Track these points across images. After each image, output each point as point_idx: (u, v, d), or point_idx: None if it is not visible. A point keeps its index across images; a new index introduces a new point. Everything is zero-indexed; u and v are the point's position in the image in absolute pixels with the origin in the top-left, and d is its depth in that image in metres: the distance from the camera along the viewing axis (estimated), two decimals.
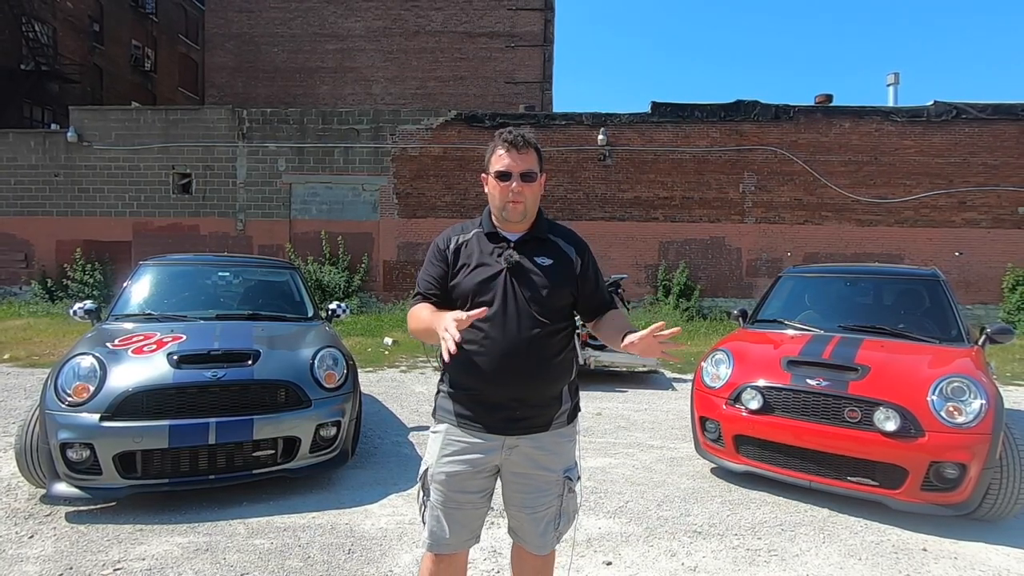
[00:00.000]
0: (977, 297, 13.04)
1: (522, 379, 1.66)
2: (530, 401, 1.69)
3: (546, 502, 1.74)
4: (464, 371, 1.69)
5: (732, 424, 3.59)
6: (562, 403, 1.76)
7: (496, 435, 1.68)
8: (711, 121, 13.45)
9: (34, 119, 20.32)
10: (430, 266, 1.78)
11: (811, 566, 2.71)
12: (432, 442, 1.76)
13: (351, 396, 3.65)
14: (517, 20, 20.00)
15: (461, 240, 1.77)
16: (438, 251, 1.78)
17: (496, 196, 1.72)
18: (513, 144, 1.68)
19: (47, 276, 13.80)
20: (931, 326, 3.97)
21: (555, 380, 1.73)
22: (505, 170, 1.68)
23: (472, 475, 1.69)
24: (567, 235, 1.83)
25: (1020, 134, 13.07)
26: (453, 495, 1.69)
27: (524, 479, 1.73)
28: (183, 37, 28.37)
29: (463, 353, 1.66)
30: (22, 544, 2.75)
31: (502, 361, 1.64)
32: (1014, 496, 3.03)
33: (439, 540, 1.71)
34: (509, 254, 1.69)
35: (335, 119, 14.04)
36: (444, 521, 1.70)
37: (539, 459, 1.72)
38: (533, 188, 1.70)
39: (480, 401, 1.69)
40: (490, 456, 1.69)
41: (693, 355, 8.58)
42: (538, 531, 1.75)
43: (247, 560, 2.65)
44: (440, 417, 1.76)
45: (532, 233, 1.76)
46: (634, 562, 2.72)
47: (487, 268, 1.70)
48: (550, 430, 1.73)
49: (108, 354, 3.28)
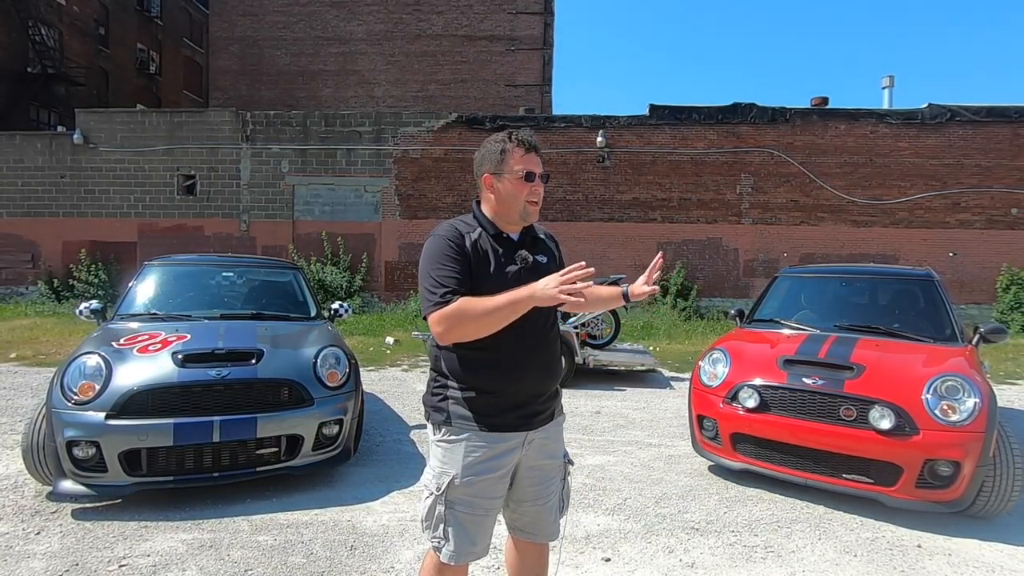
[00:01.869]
0: (971, 297, 13.10)
1: (542, 374, 1.72)
2: (547, 394, 1.76)
3: (554, 489, 1.80)
4: (486, 375, 1.67)
5: (729, 422, 3.61)
6: (559, 392, 1.86)
7: (519, 432, 1.71)
8: (708, 123, 13.53)
9: (40, 121, 20.42)
10: (451, 262, 1.64)
11: (807, 562, 2.73)
12: (449, 452, 1.68)
13: (353, 395, 3.67)
14: (517, 24, 20.06)
15: (473, 238, 1.71)
16: (454, 246, 1.66)
17: (517, 197, 1.70)
18: (532, 147, 1.72)
19: (53, 276, 13.89)
20: (925, 326, 3.98)
21: (561, 372, 1.85)
22: (532, 171, 1.70)
23: (499, 479, 1.70)
24: (547, 233, 1.92)
25: (1013, 136, 13.14)
26: (481, 502, 1.67)
27: (538, 471, 1.77)
28: (187, 41, 28.49)
29: (486, 356, 1.66)
30: (29, 540, 2.78)
31: (524, 360, 1.68)
32: (1007, 493, 3.05)
33: (466, 552, 1.67)
34: (523, 254, 1.72)
35: (337, 121, 14.11)
36: (471, 531, 1.67)
37: (549, 448, 1.78)
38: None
39: (503, 401, 1.68)
40: (513, 455, 1.71)
41: (690, 354, 8.61)
42: (549, 519, 1.80)
43: (250, 557, 2.67)
44: (459, 425, 1.67)
45: (529, 232, 1.80)
46: (632, 558, 2.74)
47: (506, 269, 1.69)
48: (555, 419, 1.81)
49: (113, 353, 3.31)
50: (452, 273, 1.63)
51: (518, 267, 1.70)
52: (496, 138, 1.74)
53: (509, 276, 1.68)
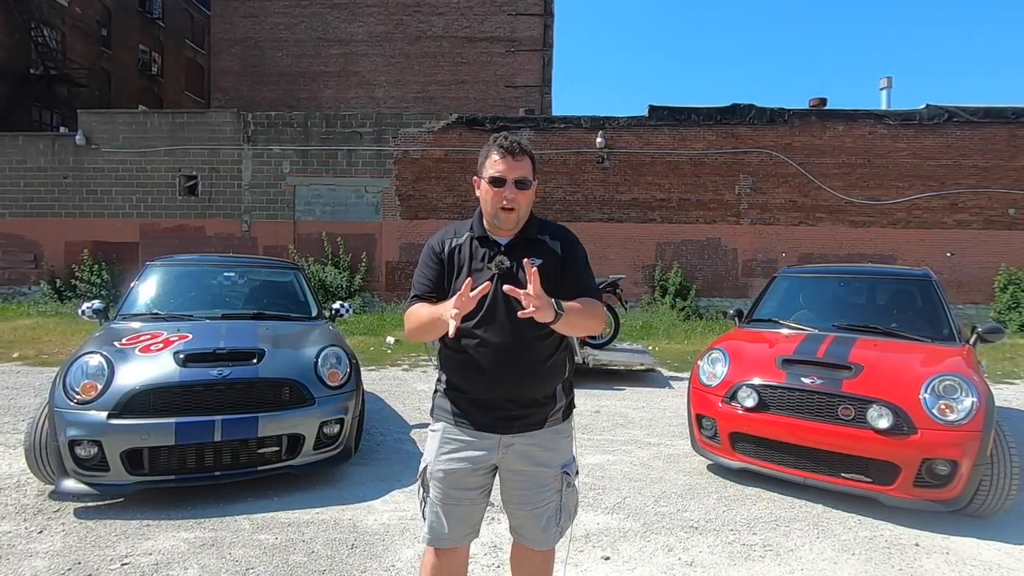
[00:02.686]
0: (968, 297, 13.13)
1: (515, 380, 1.68)
2: (523, 401, 1.71)
3: (545, 498, 1.75)
4: (459, 373, 1.72)
5: (728, 421, 3.62)
6: (556, 401, 1.77)
7: (492, 434, 1.70)
8: (707, 124, 13.57)
9: (43, 122, 20.47)
10: (425, 268, 1.78)
11: (805, 561, 2.74)
12: (431, 440, 1.79)
13: (354, 394, 3.69)
14: (517, 25, 20.09)
15: (454, 244, 1.76)
16: (433, 253, 1.77)
17: (489, 201, 1.70)
18: (509, 151, 1.67)
19: (56, 276, 13.92)
20: (923, 325, 3.99)
21: (547, 381, 1.74)
22: (499, 176, 1.67)
23: (470, 472, 1.71)
24: (555, 231, 1.80)
25: (1010, 137, 13.18)
26: (451, 492, 1.71)
27: (521, 476, 1.74)
28: (189, 42, 28.56)
29: (458, 356, 1.70)
30: (31, 539, 2.79)
31: (495, 364, 1.66)
32: (1005, 492, 3.06)
33: (438, 535, 1.73)
34: (500, 260, 1.69)
35: (338, 122, 14.15)
36: (443, 517, 1.72)
37: (536, 456, 1.73)
38: (526, 195, 1.70)
39: (475, 401, 1.71)
40: (487, 454, 1.71)
41: (689, 354, 8.62)
42: (539, 527, 1.76)
43: (252, 555, 2.69)
44: (438, 416, 1.78)
45: (522, 236, 1.75)
46: (632, 557, 2.75)
47: (478, 274, 1.69)
48: (545, 427, 1.74)
49: (116, 353, 3.33)
50: (422, 279, 1.77)
51: (492, 273, 1.68)
52: (487, 140, 1.76)
53: (479, 281, 1.64)
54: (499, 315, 1.67)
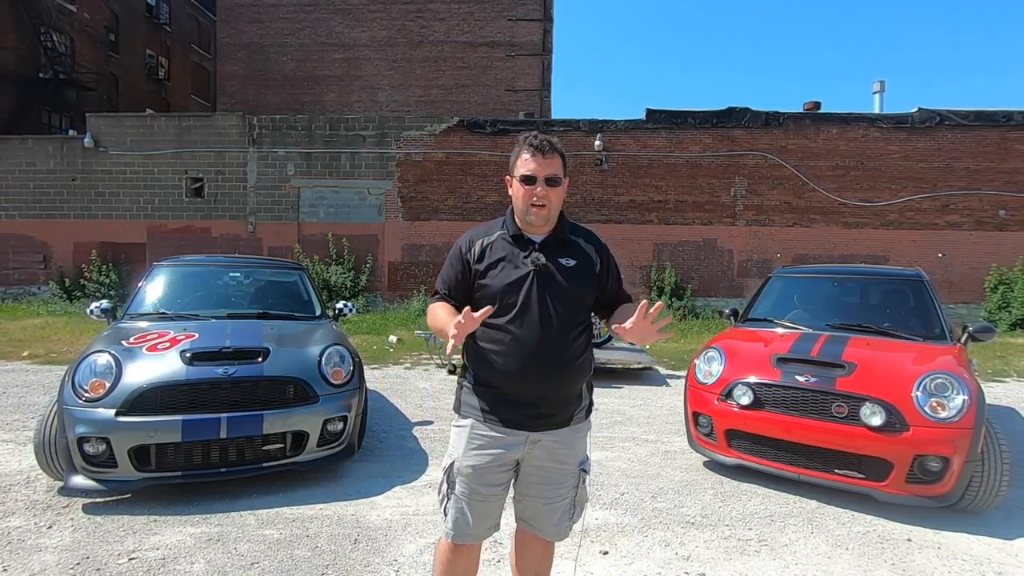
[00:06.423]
0: (960, 297, 13.20)
1: (547, 378, 1.68)
2: (554, 399, 1.72)
3: (562, 493, 1.77)
4: (491, 370, 1.71)
5: (724, 419, 3.66)
6: (581, 400, 1.80)
7: (521, 431, 1.71)
8: (704, 127, 13.67)
9: (52, 125, 20.64)
10: (449, 268, 1.80)
11: (800, 555, 2.77)
12: (457, 436, 1.78)
13: (357, 392, 3.72)
14: (517, 30, 20.18)
15: (486, 242, 1.76)
16: (459, 254, 1.78)
17: (520, 199, 1.72)
18: (539, 149, 1.69)
19: (65, 276, 14.06)
20: (915, 325, 4.02)
21: (577, 379, 1.76)
22: (530, 174, 1.69)
23: (496, 468, 1.72)
24: (587, 235, 1.84)
25: (1001, 140, 13.25)
26: (478, 488, 1.72)
27: (543, 472, 1.76)
28: (196, 47, 28.76)
29: (490, 352, 1.71)
30: (41, 534, 2.82)
31: (528, 361, 1.66)
32: (995, 488, 3.09)
33: (462, 531, 1.74)
34: (536, 257, 1.70)
35: (342, 125, 14.25)
36: (468, 512, 1.72)
37: (558, 453, 1.75)
38: (557, 192, 1.71)
39: (506, 398, 1.71)
40: (514, 451, 1.72)
41: (686, 352, 8.65)
42: (553, 520, 1.79)
43: (257, 550, 2.71)
44: (465, 412, 1.77)
45: (555, 235, 1.76)
46: (629, 551, 2.78)
47: (514, 271, 1.70)
48: (570, 425, 1.76)
49: (123, 352, 3.35)
50: (445, 277, 1.82)
51: (529, 270, 1.70)
52: (518, 139, 1.78)
53: (517, 278, 1.69)
54: (535, 312, 1.67)
